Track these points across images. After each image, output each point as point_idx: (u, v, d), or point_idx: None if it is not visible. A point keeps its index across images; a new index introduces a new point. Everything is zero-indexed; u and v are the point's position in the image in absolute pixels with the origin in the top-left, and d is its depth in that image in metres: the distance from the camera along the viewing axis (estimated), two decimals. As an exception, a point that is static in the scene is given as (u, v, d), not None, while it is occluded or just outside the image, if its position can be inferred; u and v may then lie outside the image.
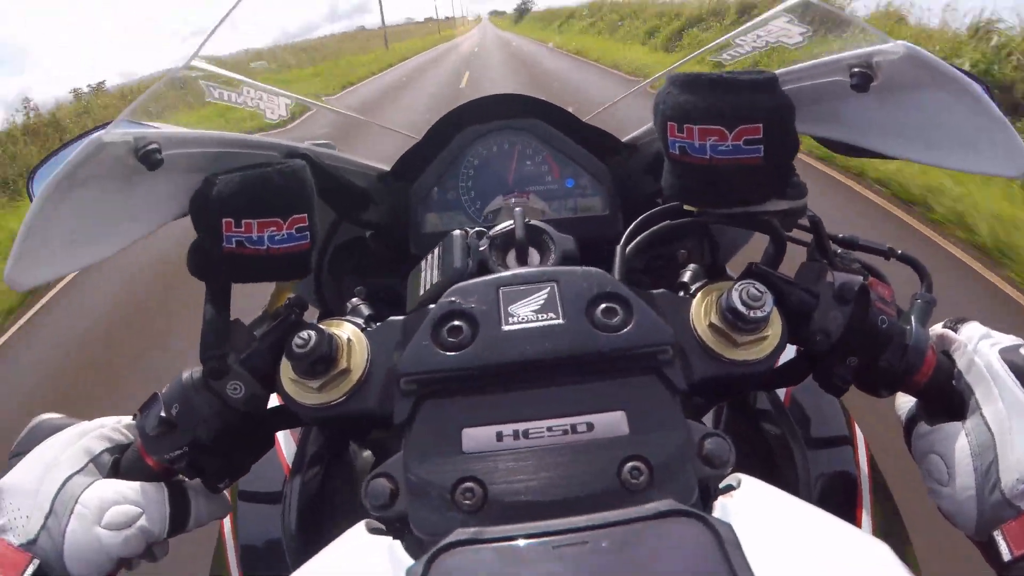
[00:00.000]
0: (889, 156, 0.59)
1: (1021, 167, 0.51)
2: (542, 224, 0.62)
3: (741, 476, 0.44)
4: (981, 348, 0.56)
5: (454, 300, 0.50)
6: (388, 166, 0.98)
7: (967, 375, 0.55)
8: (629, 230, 0.64)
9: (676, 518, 0.38)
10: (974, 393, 0.54)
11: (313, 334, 0.51)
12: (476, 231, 0.63)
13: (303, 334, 0.51)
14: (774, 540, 0.38)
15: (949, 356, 0.58)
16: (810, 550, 0.38)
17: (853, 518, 0.70)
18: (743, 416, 0.81)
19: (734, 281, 0.53)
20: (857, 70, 0.54)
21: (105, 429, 0.59)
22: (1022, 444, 0.49)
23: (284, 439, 0.86)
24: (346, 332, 0.55)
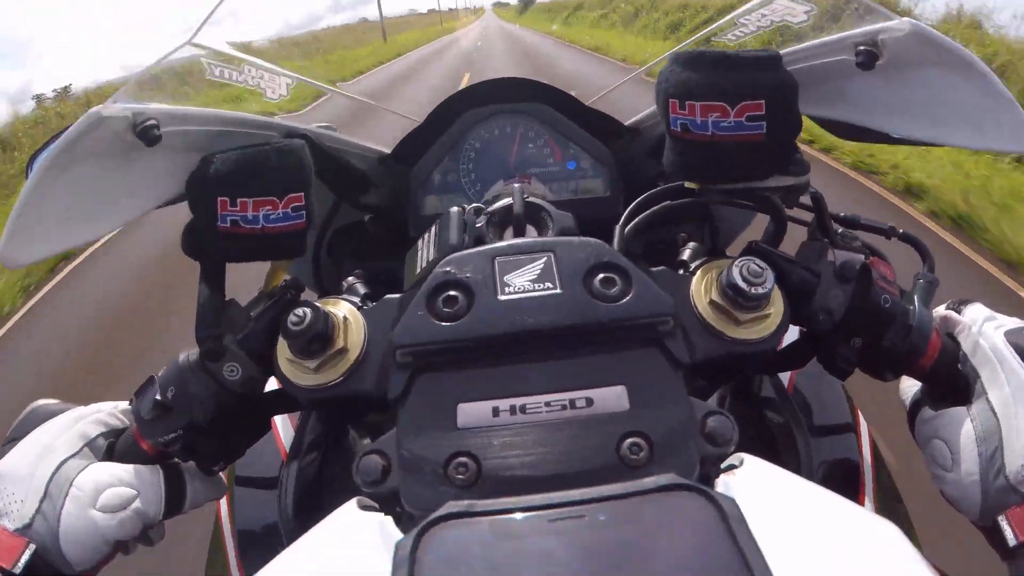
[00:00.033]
0: (894, 137, 0.59)
1: None
2: (540, 200, 0.61)
3: (744, 455, 0.43)
4: (986, 330, 0.55)
5: (449, 270, 0.49)
6: (389, 149, 0.98)
7: (972, 358, 0.55)
8: (629, 210, 0.63)
9: (678, 492, 0.37)
10: (979, 377, 0.53)
11: (309, 311, 0.50)
12: (474, 207, 0.62)
13: (298, 311, 0.51)
14: (779, 517, 0.36)
15: (953, 338, 0.58)
16: (817, 527, 0.37)
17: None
18: (747, 402, 0.80)
19: (734, 258, 0.52)
20: (862, 48, 0.53)
21: (101, 414, 0.59)
22: None
23: (282, 424, 0.85)
24: (342, 310, 0.54)
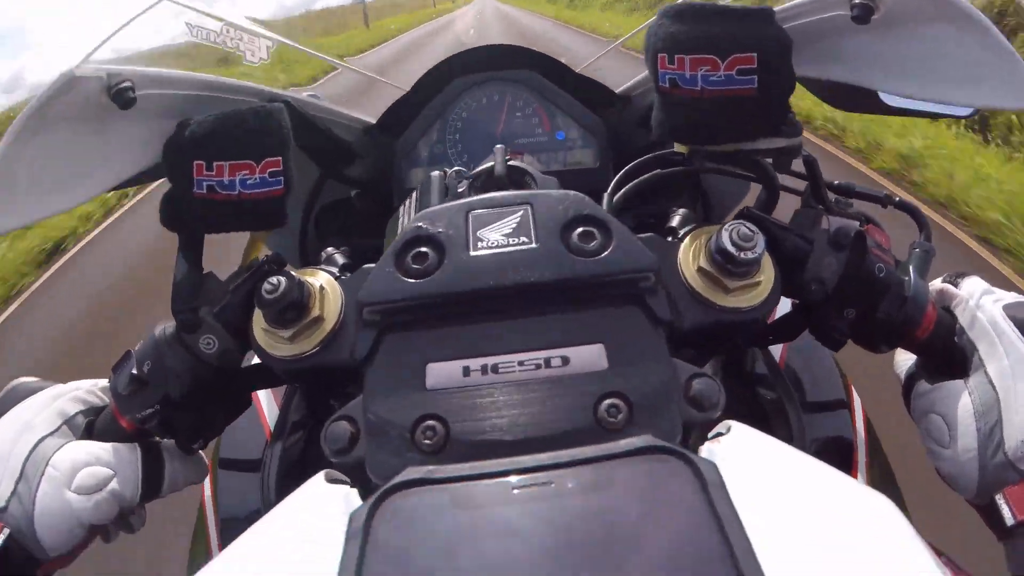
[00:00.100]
0: (886, 104, 0.58)
1: None
2: (523, 164, 0.59)
3: (732, 423, 0.41)
4: (984, 303, 0.53)
5: (421, 225, 0.47)
6: (375, 119, 0.96)
7: (970, 331, 0.53)
8: (617, 178, 0.61)
9: (653, 455, 0.34)
10: (977, 350, 0.52)
11: (283, 279, 0.49)
12: (455, 170, 0.60)
13: (273, 279, 0.49)
14: (765, 485, 0.34)
15: (950, 311, 0.56)
16: (805, 497, 0.34)
17: None
18: (738, 378, 0.79)
19: (724, 223, 0.50)
20: (858, 1, 0.51)
21: (80, 391, 0.58)
22: None
23: (267, 404, 0.84)
24: (319, 280, 0.53)
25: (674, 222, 0.58)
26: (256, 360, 0.54)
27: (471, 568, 0.30)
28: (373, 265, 0.54)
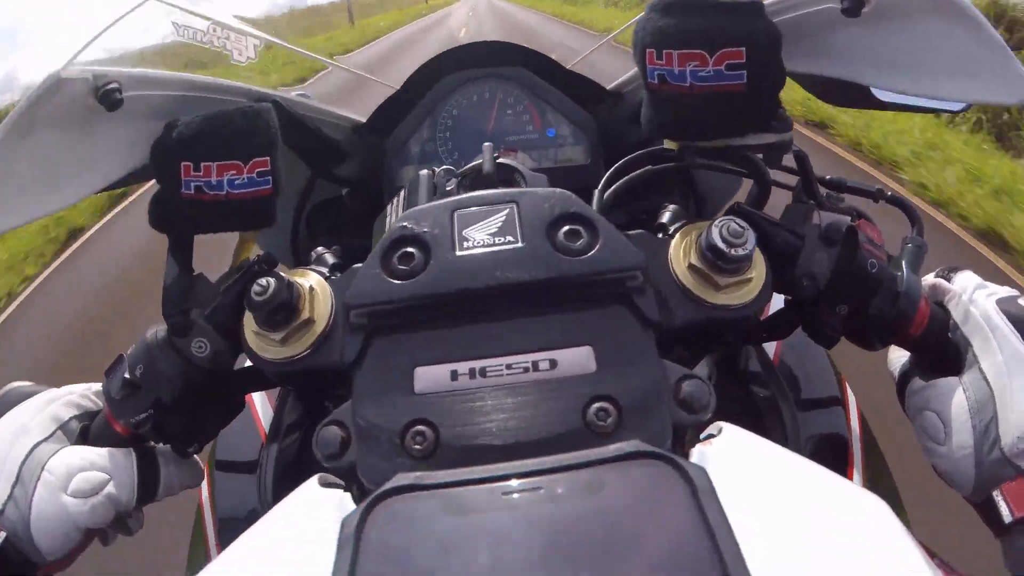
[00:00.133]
0: (878, 99, 0.57)
1: (1021, 94, 0.48)
2: (512, 161, 0.59)
3: (723, 424, 0.40)
4: (977, 298, 0.53)
5: (406, 225, 0.47)
6: (365, 118, 0.95)
7: (963, 326, 0.53)
8: (608, 174, 0.61)
9: (642, 460, 0.34)
10: (971, 345, 0.51)
11: (272, 281, 0.48)
12: (444, 169, 0.60)
13: (262, 281, 0.48)
14: (755, 488, 0.34)
15: (943, 307, 0.56)
16: (795, 500, 0.34)
17: (844, 478, 0.67)
18: (732, 376, 0.79)
19: (714, 219, 0.49)
20: None
21: (74, 396, 0.58)
22: (1023, 400, 0.47)
23: (261, 406, 0.83)
24: (309, 281, 0.52)
25: (664, 218, 0.57)
26: (248, 363, 0.53)
27: (463, 573, 0.30)
28: (362, 265, 0.54)
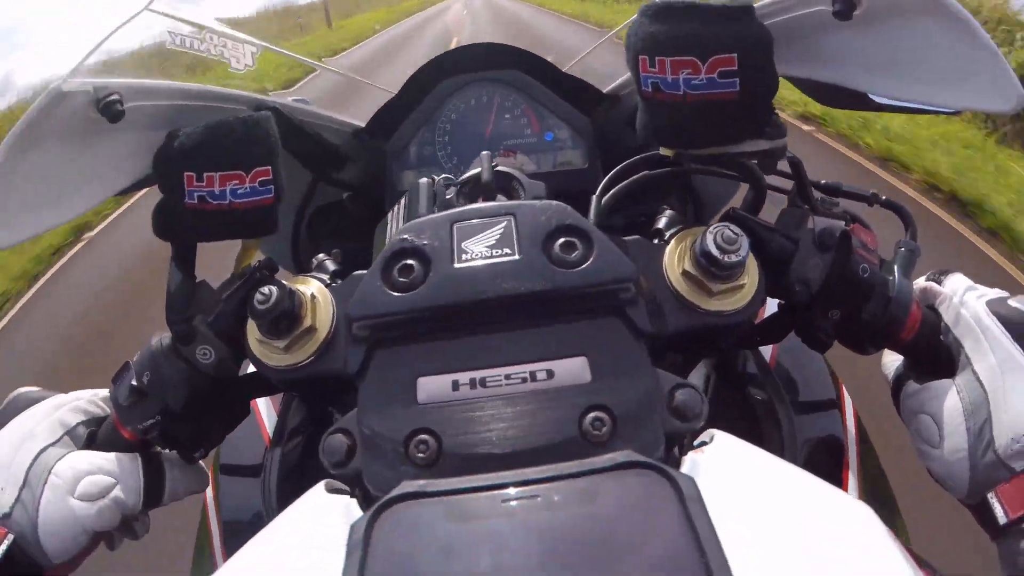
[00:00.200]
0: (873, 102, 0.57)
1: (1013, 101, 0.47)
2: (510, 169, 0.59)
3: (715, 432, 0.41)
4: (967, 300, 0.53)
5: (406, 238, 0.47)
6: (364, 123, 0.95)
7: (955, 329, 0.53)
8: (605, 180, 0.61)
9: (634, 470, 0.36)
10: (963, 348, 0.52)
11: (274, 289, 0.49)
12: (443, 178, 0.60)
13: (264, 289, 0.49)
14: (743, 497, 0.35)
15: (935, 310, 0.56)
16: (782, 508, 0.35)
17: (839, 481, 0.68)
18: (729, 379, 0.79)
19: (709, 225, 0.50)
20: None
21: (81, 402, 0.59)
22: (1017, 401, 0.47)
23: (265, 410, 0.84)
24: (310, 288, 0.53)
25: (660, 224, 0.58)
26: (252, 368, 0.54)
27: None
28: (364, 272, 0.54)
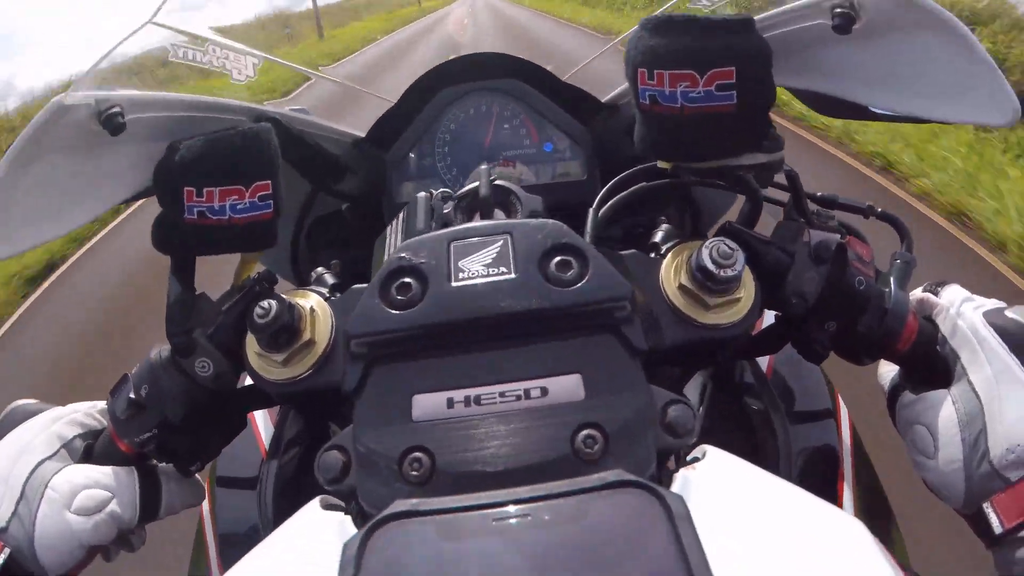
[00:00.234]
0: (872, 112, 0.58)
1: (1009, 115, 0.48)
2: (508, 183, 0.59)
3: (707, 447, 0.42)
4: (964, 311, 0.53)
5: (403, 256, 0.48)
6: (364, 133, 0.96)
7: (951, 340, 0.53)
8: (602, 192, 0.61)
9: (623, 489, 0.36)
10: (959, 358, 0.52)
11: (274, 303, 0.49)
12: (442, 192, 0.61)
13: (263, 303, 0.49)
14: (733, 514, 0.35)
15: (931, 321, 0.56)
16: (773, 525, 0.35)
17: (835, 492, 0.68)
18: (726, 390, 0.79)
19: (705, 240, 0.50)
20: (839, 10, 0.52)
21: (78, 414, 0.59)
22: (1012, 411, 0.47)
23: (262, 422, 0.83)
24: (309, 302, 0.53)
25: (657, 237, 0.58)
26: (250, 381, 0.54)
27: None
28: (362, 286, 0.54)
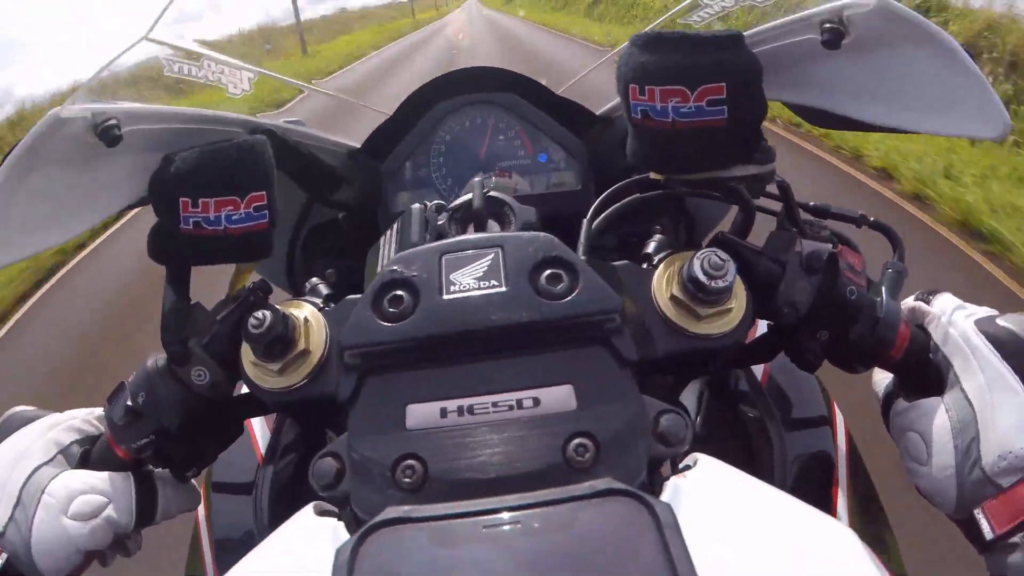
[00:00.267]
0: (864, 124, 0.57)
1: (1000, 128, 0.48)
2: (501, 195, 0.60)
3: (699, 455, 0.42)
4: (956, 319, 0.54)
5: (396, 269, 0.48)
6: (359, 143, 0.96)
7: (943, 348, 0.53)
8: (596, 203, 0.61)
9: (613, 497, 0.36)
10: (952, 366, 0.52)
11: (268, 314, 0.50)
12: (435, 204, 0.61)
13: (258, 314, 0.50)
14: (722, 522, 0.36)
15: (924, 329, 0.56)
16: (762, 533, 0.35)
17: (829, 499, 0.68)
18: (722, 398, 0.79)
19: (697, 250, 0.50)
20: (828, 26, 0.52)
21: (75, 421, 0.59)
22: (1004, 419, 0.48)
23: (259, 428, 0.84)
24: (304, 312, 0.54)
25: (649, 248, 0.58)
26: (246, 389, 0.55)
27: None
28: (356, 297, 0.55)
